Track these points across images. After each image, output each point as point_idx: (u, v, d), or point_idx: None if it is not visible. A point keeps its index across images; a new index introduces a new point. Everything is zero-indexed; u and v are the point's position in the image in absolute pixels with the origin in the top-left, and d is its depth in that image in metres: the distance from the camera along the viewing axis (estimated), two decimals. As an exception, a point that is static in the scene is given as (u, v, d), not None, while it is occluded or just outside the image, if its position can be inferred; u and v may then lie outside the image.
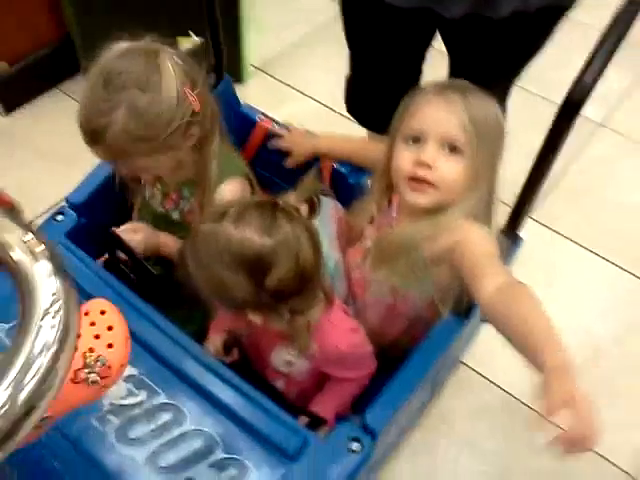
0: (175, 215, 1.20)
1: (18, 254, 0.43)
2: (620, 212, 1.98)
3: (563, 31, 1.33)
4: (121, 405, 0.94)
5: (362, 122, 1.73)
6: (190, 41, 1.65)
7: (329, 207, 1.11)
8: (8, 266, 0.43)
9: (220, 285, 0.86)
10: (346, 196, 1.24)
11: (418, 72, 1.58)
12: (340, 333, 1.01)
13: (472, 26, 1.25)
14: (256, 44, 2.26)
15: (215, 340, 1.09)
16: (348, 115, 1.99)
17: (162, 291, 1.10)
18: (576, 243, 1.90)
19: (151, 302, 1.04)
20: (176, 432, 0.92)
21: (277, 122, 1.37)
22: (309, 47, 2.46)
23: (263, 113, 1.38)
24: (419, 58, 1.53)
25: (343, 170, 1.29)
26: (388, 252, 1.06)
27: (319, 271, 0.91)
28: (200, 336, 1.11)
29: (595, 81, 0.88)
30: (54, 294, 0.42)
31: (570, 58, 2.38)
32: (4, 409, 0.37)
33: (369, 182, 1.25)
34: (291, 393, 1.08)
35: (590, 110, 2.03)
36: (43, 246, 0.44)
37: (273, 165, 1.37)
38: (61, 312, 0.41)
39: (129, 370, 0.96)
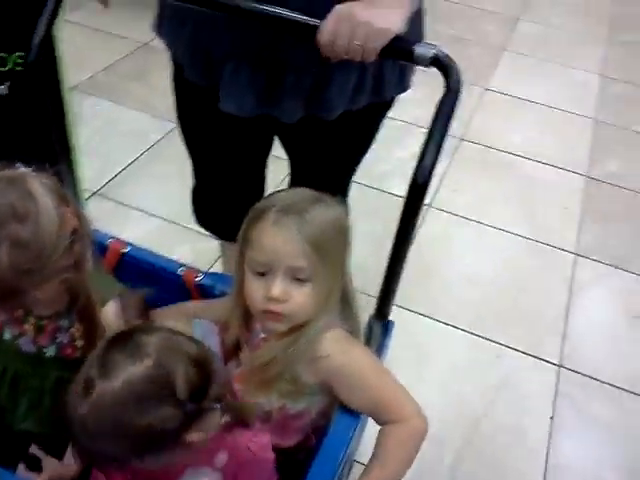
0: (50, 352, 1.08)
1: None
2: (462, 281, 2.13)
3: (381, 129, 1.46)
4: None
5: (212, 231, 1.73)
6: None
7: (207, 326, 1.07)
8: None
9: (148, 432, 0.81)
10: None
11: (261, 178, 1.63)
12: (251, 434, 0.97)
13: (308, 129, 1.32)
14: (89, 170, 2.22)
15: None
16: (196, 227, 1.99)
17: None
18: (432, 319, 1.99)
19: None
20: None
21: (129, 243, 1.33)
22: (145, 166, 2.45)
23: (112, 236, 1.33)
24: (261, 165, 1.57)
25: (206, 282, 1.27)
26: (265, 372, 1.03)
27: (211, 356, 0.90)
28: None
29: (434, 163, 0.97)
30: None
31: (390, 152, 2.64)
32: None
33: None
34: None
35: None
36: None
37: (131, 288, 1.31)
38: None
39: None
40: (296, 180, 1.63)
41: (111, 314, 1.08)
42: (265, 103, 1.22)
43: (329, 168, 1.50)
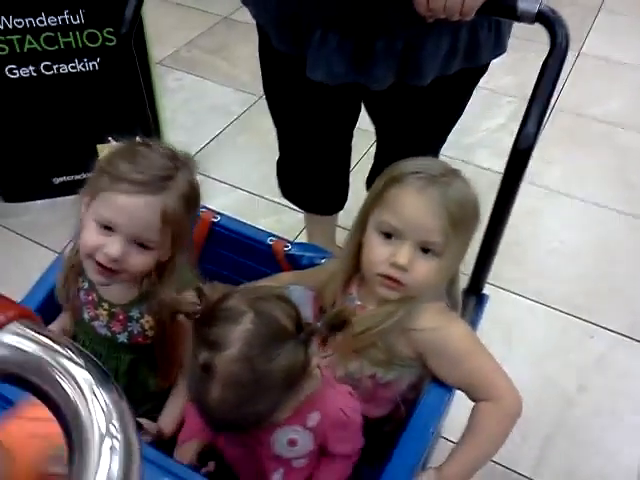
0: (122, 338, 1.10)
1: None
2: (554, 258, 2.04)
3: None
4: None
5: (297, 203, 1.72)
6: (109, 147, 1.62)
7: (302, 292, 1.06)
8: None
9: (285, 375, 0.83)
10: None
11: (347, 150, 1.60)
12: (343, 396, 0.97)
13: (398, 96, 1.27)
14: (175, 144, 2.25)
15: (189, 449, 1.00)
16: (279, 200, 1.99)
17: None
18: (522, 296, 1.92)
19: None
20: None
21: (219, 213, 1.33)
22: (229, 139, 2.47)
23: (203, 205, 1.34)
24: (347, 135, 1.54)
25: (295, 252, 1.26)
26: (359, 341, 1.01)
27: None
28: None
29: (538, 127, 0.91)
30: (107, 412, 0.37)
31: (476, 123, 2.55)
32: None
33: (324, 262, 1.22)
34: None
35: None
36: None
37: (220, 258, 1.31)
38: (120, 437, 0.36)
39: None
40: (383, 151, 1.59)
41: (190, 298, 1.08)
42: (355, 70, 1.19)
43: (418, 137, 1.45)
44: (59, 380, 0.37)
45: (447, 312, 1.03)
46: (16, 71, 1.85)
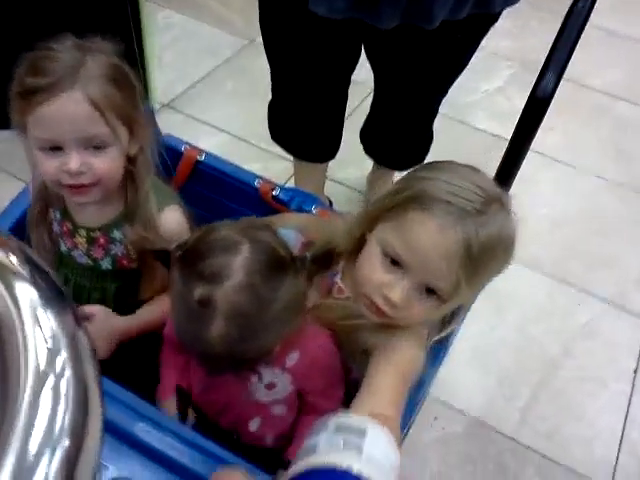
0: (106, 264, 1.04)
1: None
2: (546, 224, 2.00)
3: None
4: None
5: (287, 148, 1.65)
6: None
7: (291, 235, 0.99)
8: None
9: (289, 304, 0.78)
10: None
11: (343, 95, 1.52)
12: (323, 337, 0.90)
13: (402, 38, 1.20)
14: (161, 82, 2.16)
15: (169, 405, 0.94)
16: (267, 146, 1.91)
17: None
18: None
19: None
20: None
21: (204, 151, 1.26)
22: (218, 82, 2.37)
23: (188, 143, 1.26)
24: (345, 79, 1.47)
25: (282, 196, 1.19)
26: (320, 321, 0.92)
27: None
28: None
29: (559, 76, 0.85)
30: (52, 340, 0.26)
31: (476, 83, 2.48)
32: None
33: (314, 210, 1.16)
34: (267, 436, 0.94)
35: (504, 130, 2.07)
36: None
37: (203, 200, 1.24)
38: (69, 372, 0.26)
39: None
40: (380, 100, 1.52)
41: (171, 220, 1.03)
42: (359, 5, 1.11)
43: (419, 86, 1.38)
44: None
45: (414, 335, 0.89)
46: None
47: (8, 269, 0.29)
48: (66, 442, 0.24)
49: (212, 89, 2.34)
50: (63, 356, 0.27)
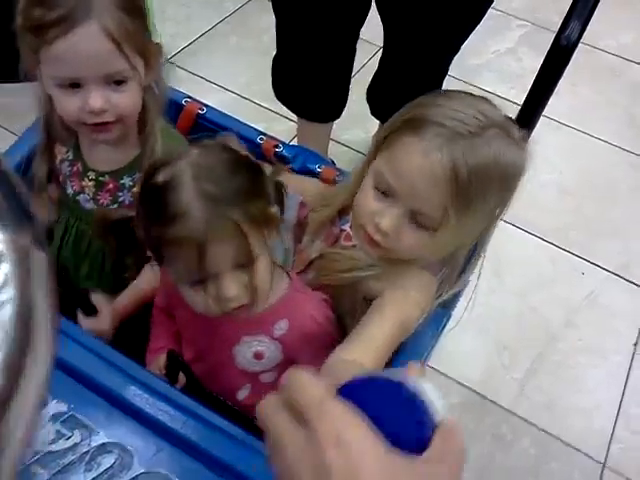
0: None
1: None
2: (551, 190, 1.96)
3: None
4: (49, 452, 0.75)
5: (291, 107, 1.60)
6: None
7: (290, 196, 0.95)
8: None
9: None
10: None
11: (351, 52, 1.47)
12: (314, 302, 0.88)
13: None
14: (163, 37, 2.09)
15: (158, 363, 0.92)
16: (270, 106, 1.86)
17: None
18: (513, 225, 1.84)
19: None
20: (124, 478, 0.75)
21: (205, 104, 1.22)
22: (220, 37, 2.31)
23: (189, 96, 1.22)
24: (353, 34, 1.42)
25: (286, 153, 1.15)
26: (331, 271, 0.91)
27: None
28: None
29: (585, 24, 0.80)
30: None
31: (484, 44, 2.41)
32: None
33: (318, 169, 1.12)
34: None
35: (512, 93, 2.02)
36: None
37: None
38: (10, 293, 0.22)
39: (56, 407, 0.78)
40: (390, 55, 1.47)
41: None
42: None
43: (430, 41, 1.33)
44: None
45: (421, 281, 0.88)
46: None
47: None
48: None
49: (215, 44, 2.27)
50: (4, 271, 0.22)
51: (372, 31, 1.43)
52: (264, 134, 1.17)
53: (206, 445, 0.77)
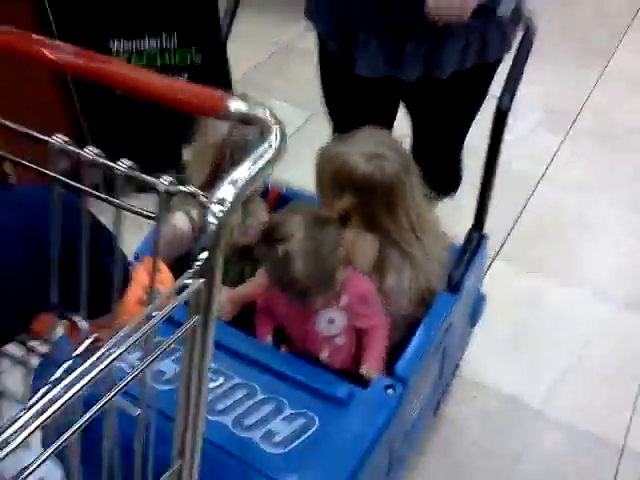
0: None
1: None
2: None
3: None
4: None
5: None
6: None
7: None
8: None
9: None
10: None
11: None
12: (364, 280, 1.34)
13: (426, 87, 1.61)
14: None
15: (266, 340, 1.38)
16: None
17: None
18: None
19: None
20: (251, 402, 1.16)
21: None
22: (291, 150, 2.77)
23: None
24: (388, 126, 1.88)
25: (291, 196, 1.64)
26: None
27: None
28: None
29: (513, 93, 1.26)
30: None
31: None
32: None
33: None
34: (335, 362, 1.34)
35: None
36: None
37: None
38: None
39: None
40: (418, 136, 1.93)
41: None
42: (391, 66, 1.54)
43: (444, 123, 1.78)
44: None
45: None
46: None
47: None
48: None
49: (287, 158, 2.72)
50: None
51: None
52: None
53: (304, 379, 1.20)
